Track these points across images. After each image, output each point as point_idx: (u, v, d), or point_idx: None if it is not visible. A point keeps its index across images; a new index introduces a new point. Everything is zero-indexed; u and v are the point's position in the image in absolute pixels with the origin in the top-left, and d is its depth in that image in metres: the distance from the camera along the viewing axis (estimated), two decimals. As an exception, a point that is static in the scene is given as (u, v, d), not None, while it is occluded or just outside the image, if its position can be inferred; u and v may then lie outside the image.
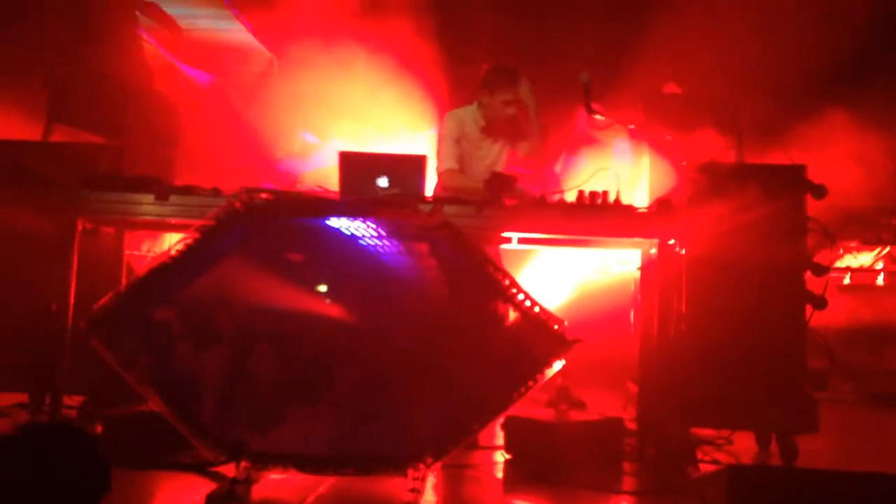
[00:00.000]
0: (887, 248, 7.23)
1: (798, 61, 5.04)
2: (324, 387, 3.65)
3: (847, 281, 7.38)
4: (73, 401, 4.48)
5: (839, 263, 7.04)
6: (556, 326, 3.45)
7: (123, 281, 4.49)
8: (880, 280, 7.44)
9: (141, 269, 3.66)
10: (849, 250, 7.28)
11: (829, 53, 5.17)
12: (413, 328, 3.70)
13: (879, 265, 7.38)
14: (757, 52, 5.15)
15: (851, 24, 5.23)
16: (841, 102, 5.29)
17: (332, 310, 3.75)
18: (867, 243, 7.25)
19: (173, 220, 4.17)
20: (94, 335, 3.36)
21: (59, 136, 4.87)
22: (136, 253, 4.73)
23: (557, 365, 3.46)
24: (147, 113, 5.04)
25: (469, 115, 5.10)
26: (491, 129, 5.03)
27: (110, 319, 3.38)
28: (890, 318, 6.80)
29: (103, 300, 3.44)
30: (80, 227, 4.25)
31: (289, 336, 3.68)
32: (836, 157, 4.52)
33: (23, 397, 4.57)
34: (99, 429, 4.15)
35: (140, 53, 5.40)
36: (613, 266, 5.57)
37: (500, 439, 4.17)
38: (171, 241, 4.78)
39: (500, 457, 4.11)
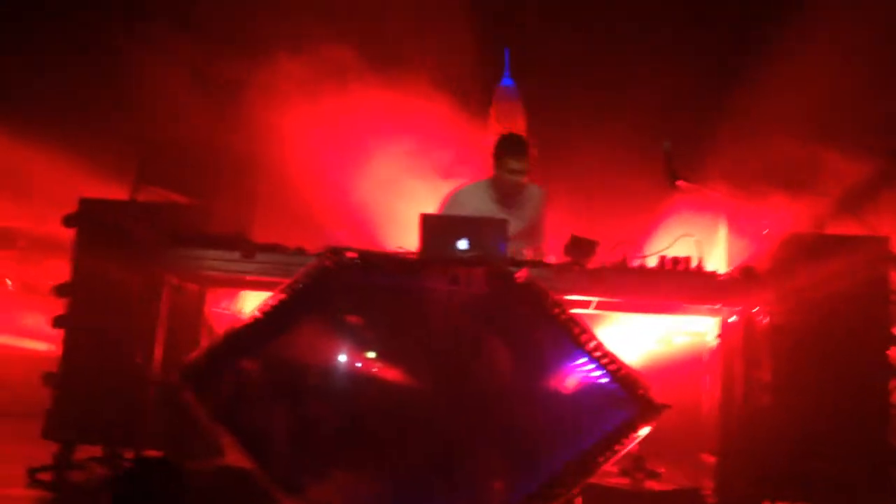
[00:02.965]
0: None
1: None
2: (403, 447, 3.67)
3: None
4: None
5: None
6: (642, 391, 3.43)
7: (203, 337, 4.58)
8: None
9: (231, 325, 3.74)
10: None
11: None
12: (495, 393, 3.72)
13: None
14: (845, 114, 5.16)
15: None
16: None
17: (410, 372, 3.79)
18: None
19: (257, 278, 4.25)
20: (186, 387, 3.43)
21: (145, 196, 5.02)
22: (216, 310, 4.80)
23: (644, 430, 3.43)
24: (229, 173, 5.18)
25: (479, 191, 4.91)
26: (505, 201, 4.84)
27: (202, 373, 3.45)
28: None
29: (194, 354, 3.52)
30: (167, 283, 4.35)
31: (364, 396, 3.72)
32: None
33: (96, 450, 4.62)
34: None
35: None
36: (677, 336, 5.51)
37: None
38: (250, 299, 4.91)
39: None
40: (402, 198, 5.89)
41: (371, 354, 3.76)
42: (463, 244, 4.02)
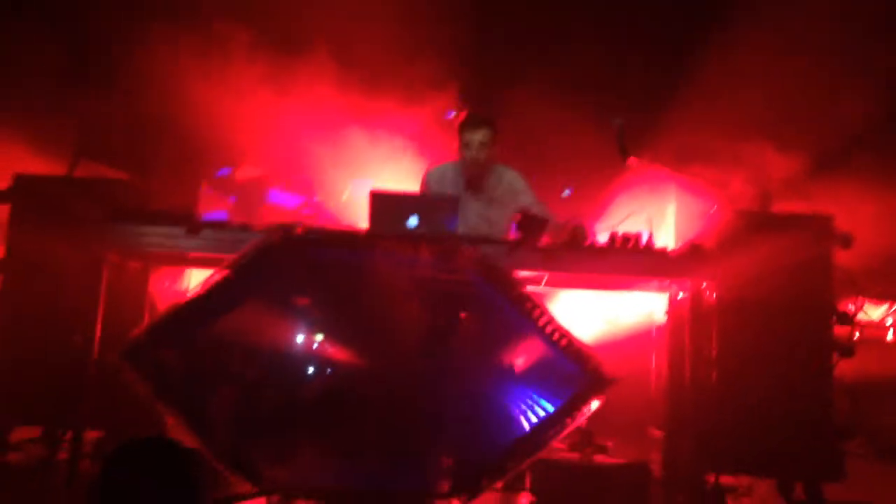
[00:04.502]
0: (897, 304, 7.24)
1: (831, 113, 5.14)
2: (354, 423, 3.63)
3: (857, 335, 7.38)
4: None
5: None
6: (593, 365, 3.44)
7: (146, 316, 4.46)
8: (889, 336, 7.44)
9: (175, 302, 3.65)
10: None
11: (859, 107, 5.28)
12: (445, 365, 3.70)
13: (889, 321, 7.39)
14: (790, 102, 5.24)
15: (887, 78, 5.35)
16: (870, 156, 5.40)
17: (360, 348, 3.75)
18: (878, 298, 7.27)
19: (203, 255, 4.15)
20: (128, 366, 3.33)
21: (82, 171, 4.88)
22: (161, 289, 4.68)
23: (595, 404, 3.45)
24: (173, 150, 5.07)
25: (448, 171, 4.85)
26: (471, 183, 4.78)
27: (144, 351, 3.36)
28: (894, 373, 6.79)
29: (136, 332, 3.42)
30: (107, 261, 4.22)
31: (315, 373, 3.68)
32: (852, 210, 4.58)
33: (34, 431, 4.49)
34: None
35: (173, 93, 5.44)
36: (626, 312, 5.56)
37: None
38: (194, 278, 4.80)
39: (525, 500, 4.06)
40: (356, 175, 5.84)
41: (318, 331, 3.70)
42: (413, 221, 3.98)
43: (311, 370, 3.70)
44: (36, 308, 4.28)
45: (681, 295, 4.26)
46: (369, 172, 6.04)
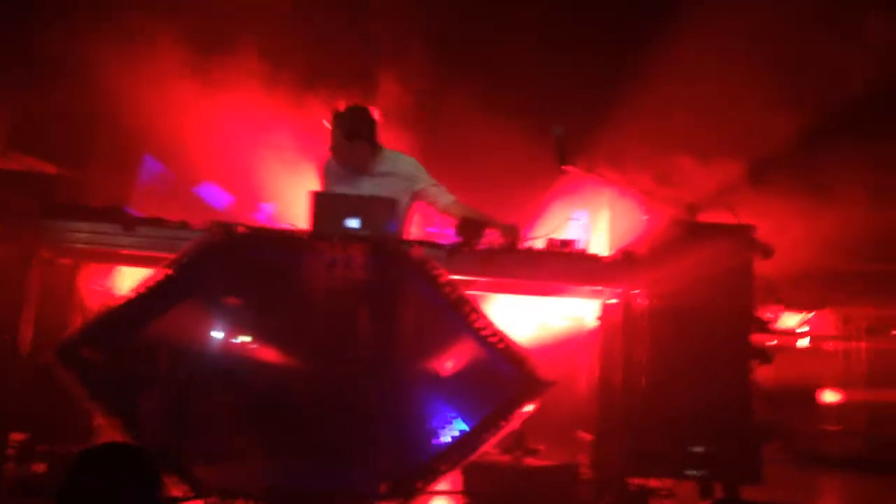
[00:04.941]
0: (812, 313, 7.56)
1: (756, 127, 5.35)
2: (288, 425, 3.64)
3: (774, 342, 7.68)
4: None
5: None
6: (528, 368, 3.52)
7: (75, 315, 4.37)
8: (803, 343, 7.75)
9: (111, 301, 3.59)
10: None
11: (782, 123, 5.52)
12: (382, 370, 3.73)
13: (804, 329, 7.70)
14: (718, 116, 5.44)
15: (811, 92, 5.59)
16: (791, 168, 5.65)
17: (298, 348, 3.75)
18: (792, 307, 7.58)
19: (138, 252, 4.09)
20: (62, 366, 3.27)
21: (13, 164, 4.75)
22: (90, 287, 4.58)
23: (529, 407, 3.53)
24: (104, 142, 4.98)
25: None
26: (358, 169, 4.71)
27: (79, 351, 3.30)
28: (811, 380, 7.09)
29: (71, 330, 3.37)
30: (37, 257, 4.13)
31: (252, 374, 3.67)
32: (779, 219, 4.78)
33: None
34: (44, 466, 4.01)
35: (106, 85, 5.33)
36: (557, 318, 5.68)
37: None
38: (127, 276, 4.72)
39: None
40: (287, 173, 5.81)
41: (257, 332, 3.69)
42: (354, 223, 4.00)
43: (245, 371, 3.69)
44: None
45: (613, 301, 4.38)
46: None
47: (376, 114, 4.76)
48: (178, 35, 5.83)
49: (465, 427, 3.65)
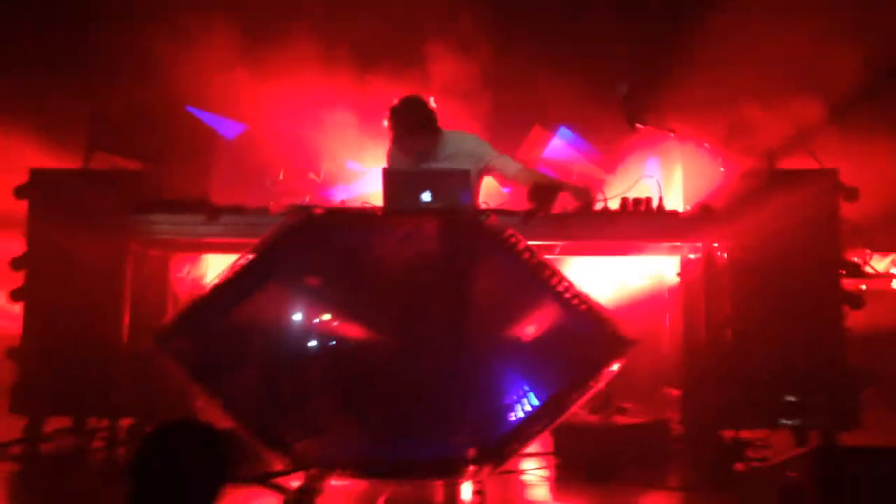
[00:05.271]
0: (899, 255, 7.32)
1: (831, 66, 5.17)
2: (378, 397, 3.72)
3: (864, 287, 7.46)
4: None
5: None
6: (613, 328, 3.53)
7: (169, 304, 4.55)
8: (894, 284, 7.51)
9: (201, 287, 3.73)
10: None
11: (858, 62, 5.31)
12: (469, 339, 3.78)
13: (894, 270, 7.46)
14: (790, 58, 5.28)
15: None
16: (871, 109, 5.46)
17: (382, 322, 3.83)
18: (882, 250, 7.35)
19: (222, 240, 4.24)
20: (162, 352, 3.42)
21: (97, 163, 4.93)
22: (179, 276, 4.77)
23: (616, 366, 3.54)
24: (183, 138, 5.13)
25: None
26: (418, 152, 4.76)
27: (177, 336, 3.45)
28: (903, 322, 6.87)
29: (168, 318, 3.51)
30: (130, 251, 4.31)
31: (339, 349, 3.76)
32: (864, 160, 4.63)
33: (65, 421, 4.58)
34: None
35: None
36: (637, 277, 5.64)
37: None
38: (213, 263, 4.89)
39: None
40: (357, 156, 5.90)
41: (341, 309, 3.78)
42: (427, 197, 4.05)
43: (333, 347, 3.78)
44: (61, 300, 4.35)
45: (692, 256, 4.33)
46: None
47: (431, 101, 4.81)
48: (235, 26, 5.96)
49: (552, 390, 3.67)
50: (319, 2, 6.34)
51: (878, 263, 7.42)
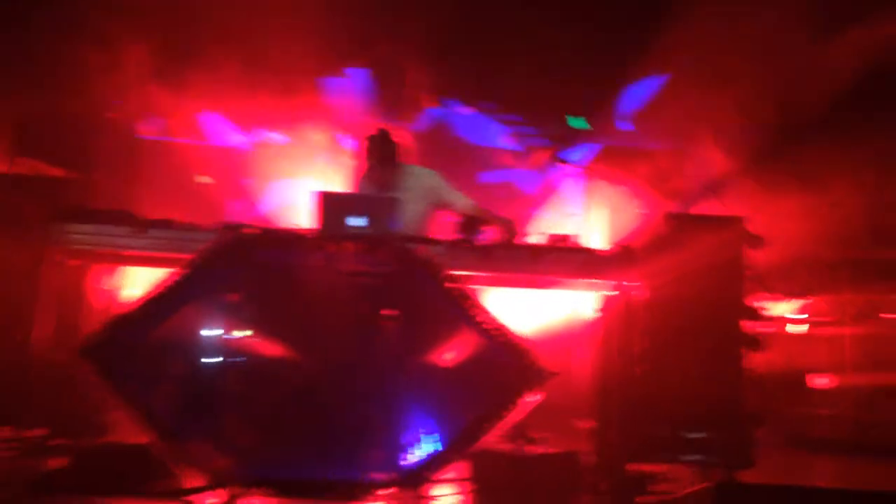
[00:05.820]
0: (801, 300, 7.70)
1: (746, 119, 5.45)
2: (299, 416, 3.76)
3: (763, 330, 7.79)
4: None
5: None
6: (531, 360, 3.65)
7: (83, 315, 4.48)
8: (794, 329, 7.88)
9: (126, 301, 3.70)
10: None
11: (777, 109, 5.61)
12: (388, 364, 3.85)
13: (794, 316, 7.83)
14: (712, 103, 5.53)
15: (801, 83, 5.68)
16: (785, 158, 5.77)
17: (305, 343, 3.87)
18: (782, 294, 7.71)
19: (148, 254, 4.20)
20: (87, 363, 3.38)
21: (21, 168, 4.84)
22: (97, 287, 4.69)
23: (533, 397, 3.65)
24: (111, 148, 5.08)
25: (367, 179, 5.13)
26: (381, 183, 5.04)
27: (104, 348, 3.42)
28: (802, 365, 7.22)
29: (95, 330, 3.48)
30: (48, 259, 4.23)
31: (263, 368, 3.79)
32: (769, 210, 4.89)
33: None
34: (65, 461, 4.12)
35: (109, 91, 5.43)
36: (556, 311, 5.79)
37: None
38: (132, 276, 4.83)
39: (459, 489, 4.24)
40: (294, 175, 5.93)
41: (268, 328, 3.81)
42: (359, 221, 4.11)
43: (257, 365, 3.80)
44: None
45: (611, 293, 4.50)
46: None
47: (404, 135, 5.11)
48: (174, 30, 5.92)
49: (469, 416, 3.76)
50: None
51: (780, 308, 7.79)
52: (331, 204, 4.14)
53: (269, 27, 6.25)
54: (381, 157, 4.97)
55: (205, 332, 3.65)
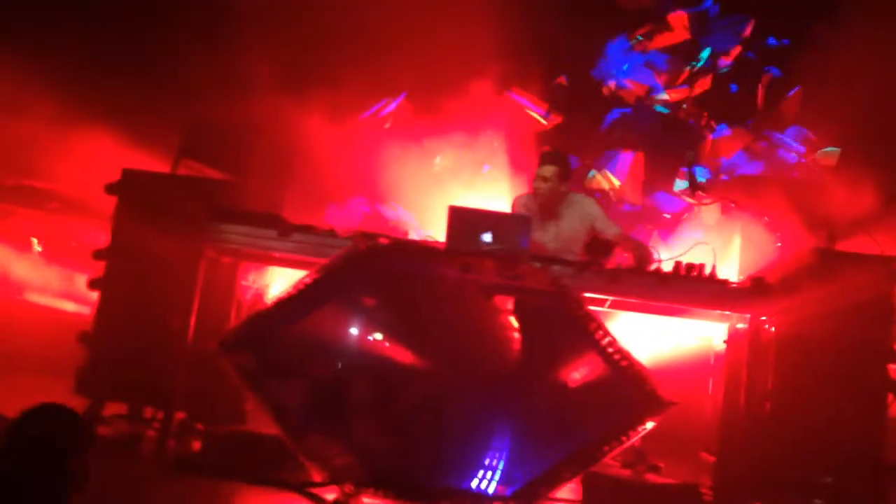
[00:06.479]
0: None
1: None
2: (421, 424, 3.88)
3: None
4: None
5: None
6: (651, 387, 3.63)
7: (234, 308, 4.79)
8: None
9: (266, 299, 3.94)
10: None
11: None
12: (510, 379, 3.92)
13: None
14: (860, 140, 5.30)
15: None
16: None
17: (430, 352, 3.99)
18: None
19: (290, 256, 4.46)
20: (225, 355, 3.63)
21: (184, 170, 5.21)
22: (245, 284, 5.01)
23: (650, 424, 3.63)
24: (264, 153, 5.39)
25: (526, 200, 5.23)
26: (542, 210, 5.13)
27: (241, 343, 3.66)
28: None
29: (234, 324, 3.73)
30: (205, 255, 4.55)
31: (389, 373, 3.94)
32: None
33: (121, 407, 4.81)
34: (198, 444, 4.42)
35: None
36: (687, 338, 5.69)
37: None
38: (277, 275, 5.14)
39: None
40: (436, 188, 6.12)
41: (396, 336, 3.96)
42: (488, 237, 4.20)
43: (385, 372, 3.96)
44: (136, 294, 4.59)
45: (740, 325, 4.40)
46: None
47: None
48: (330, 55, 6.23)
49: (586, 438, 3.78)
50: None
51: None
52: (459, 218, 4.24)
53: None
54: (564, 174, 5.09)
55: (335, 335, 3.83)
